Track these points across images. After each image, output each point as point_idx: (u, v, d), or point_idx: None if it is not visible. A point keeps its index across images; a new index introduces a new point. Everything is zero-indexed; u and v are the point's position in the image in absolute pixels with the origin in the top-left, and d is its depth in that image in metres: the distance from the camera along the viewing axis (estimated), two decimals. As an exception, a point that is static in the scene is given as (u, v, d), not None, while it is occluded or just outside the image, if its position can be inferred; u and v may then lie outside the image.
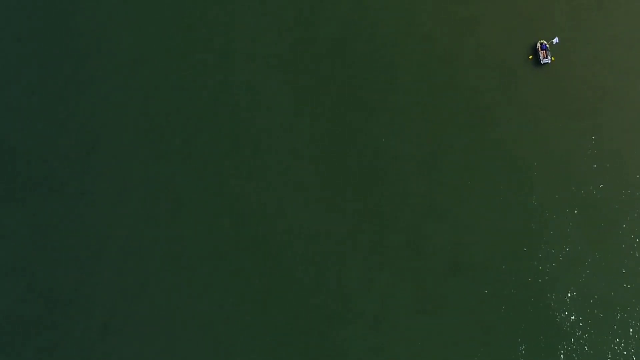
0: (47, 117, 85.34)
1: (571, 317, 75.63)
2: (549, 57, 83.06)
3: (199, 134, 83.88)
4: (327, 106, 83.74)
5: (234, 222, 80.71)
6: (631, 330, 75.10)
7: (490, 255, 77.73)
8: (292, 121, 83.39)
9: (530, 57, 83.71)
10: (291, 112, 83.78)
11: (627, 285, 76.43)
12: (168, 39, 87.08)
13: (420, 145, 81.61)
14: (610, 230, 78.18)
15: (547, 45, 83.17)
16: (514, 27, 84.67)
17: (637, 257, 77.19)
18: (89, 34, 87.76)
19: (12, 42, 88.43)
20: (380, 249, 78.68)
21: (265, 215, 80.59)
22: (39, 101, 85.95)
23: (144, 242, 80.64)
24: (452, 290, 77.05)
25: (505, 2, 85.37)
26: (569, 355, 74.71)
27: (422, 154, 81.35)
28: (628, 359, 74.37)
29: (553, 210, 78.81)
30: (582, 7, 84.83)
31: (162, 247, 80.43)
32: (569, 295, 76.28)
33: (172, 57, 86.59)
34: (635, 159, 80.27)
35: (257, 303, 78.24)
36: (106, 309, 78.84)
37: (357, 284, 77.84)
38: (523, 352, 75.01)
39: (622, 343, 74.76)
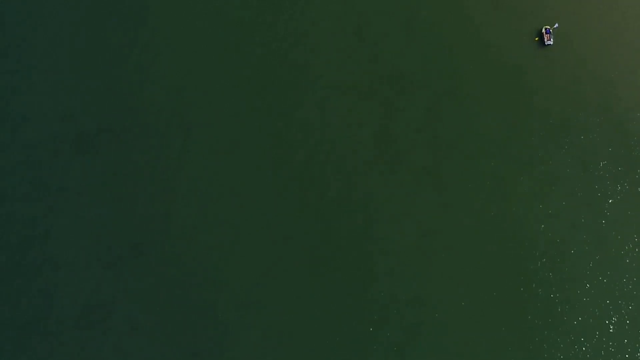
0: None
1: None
2: (551, 40, 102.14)
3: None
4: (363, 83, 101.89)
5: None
6: None
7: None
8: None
9: (536, 39, 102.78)
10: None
11: None
12: None
13: (452, 100, 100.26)
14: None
15: (550, 30, 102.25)
16: (524, 15, 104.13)
17: None
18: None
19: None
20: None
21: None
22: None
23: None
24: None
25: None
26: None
27: (452, 107, 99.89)
28: None
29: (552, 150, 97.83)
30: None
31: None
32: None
33: None
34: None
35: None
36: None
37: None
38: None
39: None
